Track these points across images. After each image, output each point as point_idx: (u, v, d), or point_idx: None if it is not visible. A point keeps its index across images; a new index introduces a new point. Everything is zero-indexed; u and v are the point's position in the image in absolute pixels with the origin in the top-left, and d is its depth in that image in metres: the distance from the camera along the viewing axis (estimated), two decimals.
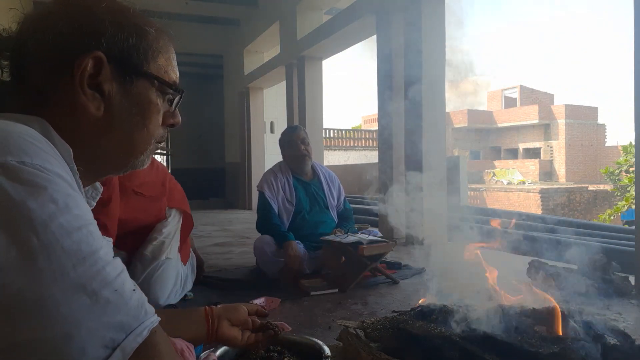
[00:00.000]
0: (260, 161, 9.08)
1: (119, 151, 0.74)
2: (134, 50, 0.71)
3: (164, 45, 0.76)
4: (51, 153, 0.60)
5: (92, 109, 0.69)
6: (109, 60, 0.69)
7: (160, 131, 0.78)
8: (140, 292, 0.59)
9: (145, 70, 0.73)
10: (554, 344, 1.27)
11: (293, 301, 2.38)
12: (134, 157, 0.76)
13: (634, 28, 2.48)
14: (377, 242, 2.67)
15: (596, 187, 19.67)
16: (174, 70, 0.79)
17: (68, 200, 0.55)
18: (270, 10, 7.62)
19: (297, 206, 3.02)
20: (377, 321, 1.55)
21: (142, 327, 0.56)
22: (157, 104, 0.75)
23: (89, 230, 0.56)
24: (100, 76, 0.68)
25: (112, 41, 0.69)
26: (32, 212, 0.52)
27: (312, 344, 1.20)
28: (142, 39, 0.73)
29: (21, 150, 0.56)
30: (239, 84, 9.30)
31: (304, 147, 3.05)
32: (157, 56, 0.75)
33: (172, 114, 0.80)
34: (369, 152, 19.50)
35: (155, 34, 0.75)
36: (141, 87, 0.73)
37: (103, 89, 0.69)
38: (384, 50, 4.73)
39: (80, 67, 0.67)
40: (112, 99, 0.70)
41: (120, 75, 0.70)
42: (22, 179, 0.53)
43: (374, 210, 6.19)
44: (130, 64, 0.71)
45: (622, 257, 3.43)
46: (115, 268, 0.57)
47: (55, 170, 0.57)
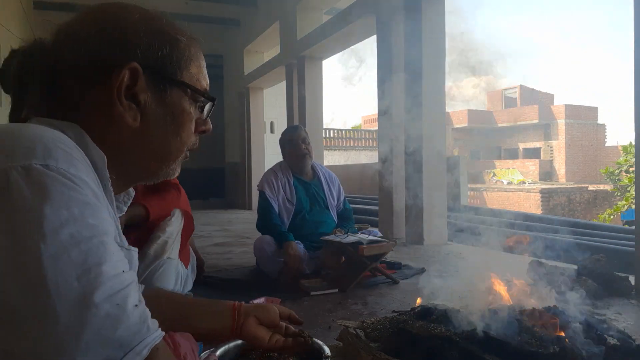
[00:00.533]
0: (260, 161, 9.08)
1: (152, 159, 0.75)
2: (168, 59, 0.72)
3: (195, 52, 0.77)
4: (79, 158, 0.60)
5: (129, 119, 0.69)
6: (143, 70, 0.69)
7: (192, 139, 0.79)
8: (143, 307, 0.57)
9: (178, 79, 0.73)
10: (554, 344, 1.27)
11: (293, 301, 2.38)
12: (167, 166, 0.77)
13: (634, 28, 2.48)
14: (377, 242, 2.67)
15: (596, 187, 19.67)
16: (205, 78, 0.79)
17: (84, 209, 0.55)
18: (270, 10, 7.62)
19: (297, 206, 3.02)
20: (377, 321, 1.56)
21: (143, 345, 0.54)
22: (190, 112, 0.76)
23: (101, 241, 0.55)
24: (136, 87, 0.69)
25: (147, 51, 0.70)
26: (45, 218, 0.51)
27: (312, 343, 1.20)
28: (174, 48, 0.73)
29: (47, 153, 0.56)
30: (239, 84, 9.30)
31: (305, 146, 3.06)
32: (189, 64, 0.75)
33: (204, 121, 0.81)
34: (369, 152, 19.50)
35: (186, 41, 0.76)
36: (175, 95, 0.74)
37: (139, 99, 0.70)
38: (384, 50, 4.73)
39: (117, 79, 0.67)
40: (148, 108, 0.71)
41: (155, 84, 0.71)
42: (41, 182, 0.53)
43: (374, 210, 6.19)
44: (165, 74, 0.72)
45: (622, 257, 3.43)
46: (122, 281, 0.55)
47: (80, 175, 0.57)
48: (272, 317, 1.00)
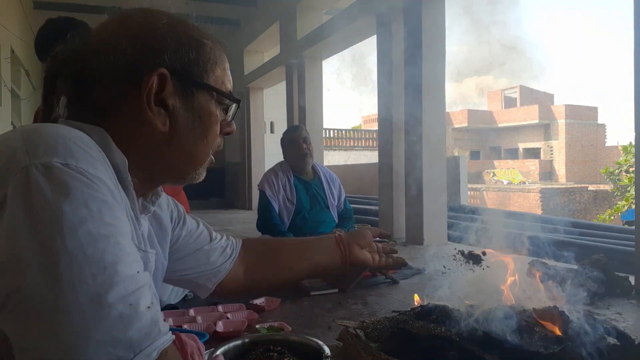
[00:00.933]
0: (260, 161, 9.08)
1: (180, 162, 0.75)
2: (195, 64, 0.73)
3: (220, 55, 0.79)
4: (100, 160, 0.60)
5: (159, 124, 0.70)
6: (171, 75, 0.70)
7: (217, 140, 0.80)
8: (156, 310, 0.57)
9: (205, 82, 0.74)
10: (554, 344, 1.27)
11: (293, 301, 2.37)
12: (194, 169, 0.78)
13: (634, 28, 2.48)
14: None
15: (596, 187, 19.68)
16: (229, 80, 0.81)
17: (102, 208, 0.55)
18: (270, 10, 7.62)
19: (297, 205, 3.02)
20: (377, 321, 1.55)
21: (152, 348, 0.54)
22: (216, 115, 0.77)
23: (117, 241, 0.55)
24: (164, 92, 0.70)
25: (174, 57, 0.71)
26: (63, 214, 0.52)
27: (312, 344, 1.20)
28: (201, 51, 0.75)
29: (68, 152, 0.56)
30: (239, 84, 9.29)
31: (306, 146, 3.06)
32: (214, 67, 0.77)
33: (228, 123, 0.82)
34: (369, 152, 19.50)
35: (212, 45, 0.77)
36: (202, 99, 0.74)
37: (167, 104, 0.71)
38: (384, 50, 4.73)
39: (147, 85, 0.68)
40: (176, 113, 0.72)
41: (183, 89, 0.72)
42: (61, 180, 0.53)
43: (374, 210, 6.19)
44: (192, 78, 0.73)
45: (622, 257, 3.43)
46: (136, 282, 0.55)
47: (99, 176, 0.57)
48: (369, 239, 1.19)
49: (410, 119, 4.34)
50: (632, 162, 13.47)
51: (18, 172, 0.53)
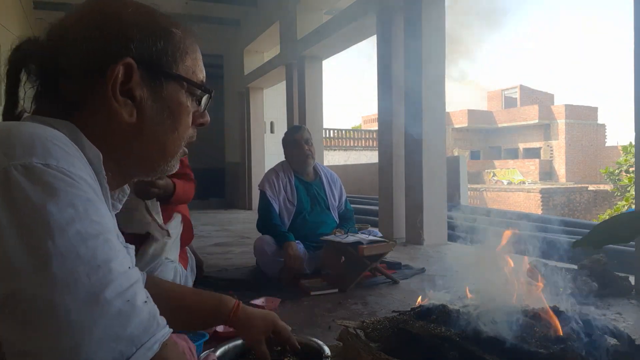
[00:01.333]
0: (260, 161, 9.08)
1: (150, 155, 0.74)
2: (163, 53, 0.71)
3: (190, 45, 0.76)
4: (77, 157, 0.60)
5: (125, 115, 0.69)
6: (138, 65, 0.68)
7: (189, 132, 0.78)
8: (152, 304, 0.58)
9: (174, 72, 0.73)
10: (554, 344, 1.27)
11: (293, 301, 2.38)
12: (165, 161, 0.76)
13: (634, 28, 2.48)
14: (377, 242, 2.67)
15: (596, 187, 19.68)
16: (201, 70, 0.78)
17: (88, 206, 0.55)
18: (270, 10, 7.62)
19: (298, 206, 3.02)
20: (377, 321, 1.55)
21: (153, 341, 0.55)
22: (187, 106, 0.75)
23: (106, 238, 0.55)
24: (131, 82, 0.68)
25: (141, 46, 0.69)
26: (51, 216, 0.51)
27: (312, 344, 1.20)
28: (169, 41, 0.72)
29: (47, 152, 0.55)
30: (239, 84, 9.30)
31: (308, 147, 3.05)
32: (184, 57, 0.74)
33: (201, 113, 0.80)
34: (369, 152, 19.49)
35: (181, 34, 0.74)
36: (171, 89, 0.73)
37: (134, 95, 0.69)
38: (384, 50, 4.73)
39: (112, 75, 0.67)
40: (144, 104, 0.70)
41: (151, 79, 0.70)
42: (44, 181, 0.53)
43: (374, 210, 6.19)
44: (160, 68, 0.71)
45: (622, 257, 3.43)
46: (129, 278, 0.56)
47: (80, 174, 0.57)
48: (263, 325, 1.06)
49: (410, 119, 4.34)
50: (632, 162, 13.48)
51: None
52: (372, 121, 26.87)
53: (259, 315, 1.08)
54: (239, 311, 1.04)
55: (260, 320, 1.07)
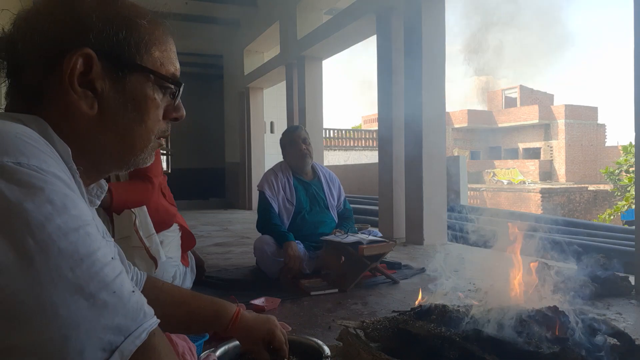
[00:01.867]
0: (260, 161, 9.08)
1: (118, 149, 0.72)
2: (125, 44, 0.69)
3: (159, 36, 0.74)
4: (49, 153, 0.59)
5: (85, 107, 0.67)
6: (99, 56, 0.67)
7: (161, 126, 0.76)
8: (139, 294, 0.58)
9: (138, 64, 0.70)
10: (554, 344, 1.27)
11: (293, 301, 2.38)
12: (134, 155, 0.74)
13: (634, 28, 2.48)
14: (377, 242, 2.67)
15: (596, 187, 19.68)
16: (172, 62, 0.76)
17: (65, 201, 0.55)
18: (270, 10, 7.62)
19: (297, 206, 3.02)
20: (377, 321, 1.55)
21: (141, 330, 0.55)
22: (154, 99, 0.73)
23: (87, 232, 0.55)
24: (91, 74, 0.67)
25: (101, 37, 0.67)
26: (29, 213, 0.51)
27: (312, 344, 1.20)
28: (132, 32, 0.70)
29: (18, 150, 0.55)
30: (239, 84, 9.30)
31: (305, 146, 3.06)
32: (150, 48, 0.72)
33: (175, 107, 0.78)
34: (369, 152, 19.50)
35: (148, 25, 0.72)
36: (135, 82, 0.71)
37: (95, 87, 0.67)
38: (384, 50, 4.73)
39: (68, 66, 0.65)
40: (106, 96, 0.68)
41: (113, 71, 0.68)
42: (18, 180, 0.52)
43: (374, 210, 6.19)
44: (122, 59, 0.69)
45: (622, 257, 3.43)
46: (114, 269, 0.56)
47: (52, 171, 0.56)
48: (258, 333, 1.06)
49: (410, 119, 4.33)
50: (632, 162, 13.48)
51: None
52: (372, 121, 26.88)
53: (259, 322, 1.08)
54: (237, 321, 1.04)
55: (260, 326, 1.08)
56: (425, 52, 4.17)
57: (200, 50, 9.53)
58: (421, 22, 4.16)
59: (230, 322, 1.03)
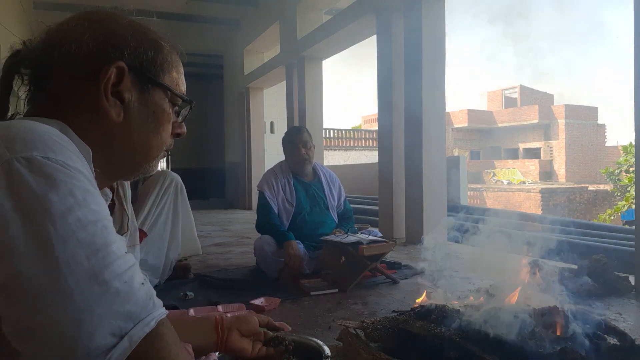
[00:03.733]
0: (260, 161, 9.08)
1: (133, 155, 0.80)
2: (152, 62, 0.78)
3: (175, 60, 0.83)
4: (73, 151, 0.64)
5: (114, 115, 0.74)
6: (129, 70, 0.74)
7: (169, 140, 0.84)
8: (149, 286, 0.62)
9: (160, 81, 0.79)
10: (554, 344, 1.27)
11: (293, 301, 2.38)
12: (147, 162, 0.82)
13: (634, 28, 2.49)
14: (377, 242, 2.67)
15: (596, 187, 19.68)
16: (183, 84, 0.86)
17: (86, 196, 0.59)
18: (270, 10, 7.62)
19: (297, 207, 3.02)
20: (377, 321, 1.55)
21: (150, 318, 0.59)
22: (169, 113, 0.82)
23: (104, 225, 0.60)
24: (121, 85, 0.74)
25: (134, 54, 0.76)
26: (52, 204, 0.55)
27: (312, 344, 1.20)
28: (159, 52, 0.79)
29: (47, 146, 0.60)
30: (239, 84, 9.30)
31: (305, 150, 3.04)
32: (170, 69, 0.81)
33: (179, 124, 0.86)
34: (369, 152, 19.50)
35: (169, 48, 0.82)
36: (157, 96, 0.79)
37: (123, 97, 0.75)
38: (384, 50, 4.73)
39: (105, 76, 0.72)
40: (131, 106, 0.76)
41: (139, 84, 0.77)
42: (45, 172, 0.57)
43: (374, 210, 6.19)
44: (149, 75, 0.77)
45: (622, 257, 3.43)
46: (127, 262, 0.60)
47: (77, 167, 0.61)
48: (253, 327, 1.06)
49: (410, 119, 4.34)
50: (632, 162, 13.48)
51: (0, 166, 0.56)
52: (372, 121, 26.88)
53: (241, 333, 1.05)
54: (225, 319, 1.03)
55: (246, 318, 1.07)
56: (425, 52, 4.17)
57: (200, 50, 9.53)
58: (421, 22, 4.16)
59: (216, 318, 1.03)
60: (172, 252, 2.76)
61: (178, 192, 2.82)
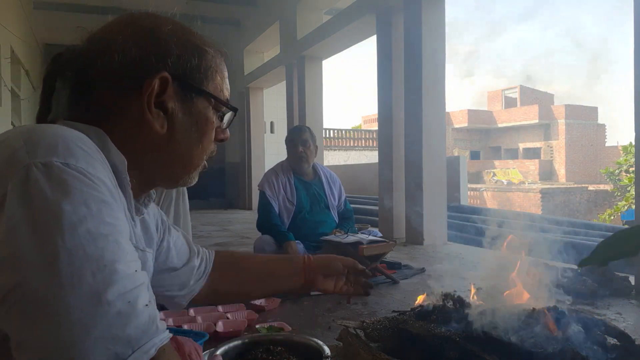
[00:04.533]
0: (260, 161, 9.08)
1: (175, 165, 0.77)
2: (196, 70, 0.75)
3: (220, 64, 0.81)
4: (99, 160, 0.61)
5: (157, 126, 0.72)
6: (173, 79, 0.72)
7: (212, 147, 0.82)
8: (153, 308, 0.58)
9: (204, 89, 0.76)
10: (554, 344, 1.27)
11: (293, 301, 2.37)
12: (188, 173, 0.80)
13: (634, 28, 2.49)
14: (377, 242, 2.67)
15: (596, 187, 19.68)
16: (227, 88, 0.83)
17: (101, 207, 0.56)
18: (270, 10, 7.62)
19: (297, 206, 3.02)
20: (377, 321, 1.55)
21: (151, 344, 0.55)
22: (213, 121, 0.79)
23: (116, 240, 0.56)
24: (165, 95, 0.72)
25: (177, 62, 0.73)
26: (64, 213, 0.52)
27: (312, 344, 1.20)
28: (202, 59, 0.76)
29: (68, 152, 0.57)
30: (239, 84, 9.30)
31: (303, 150, 3.05)
32: (214, 75, 0.79)
33: (223, 130, 0.84)
34: (369, 152, 19.49)
35: (213, 53, 0.79)
36: (200, 105, 0.76)
37: (167, 107, 0.72)
38: (384, 50, 4.73)
39: (149, 88, 0.70)
40: (175, 116, 0.73)
41: (183, 94, 0.74)
42: (61, 179, 0.54)
43: (374, 210, 6.19)
44: (192, 84, 0.75)
45: None
46: (134, 281, 0.56)
47: (98, 176, 0.58)
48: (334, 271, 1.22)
49: (410, 119, 4.34)
50: (632, 162, 13.48)
51: (18, 171, 0.54)
52: (372, 121, 26.87)
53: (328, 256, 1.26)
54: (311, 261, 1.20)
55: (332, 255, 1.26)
56: (425, 52, 4.17)
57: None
58: (421, 22, 4.16)
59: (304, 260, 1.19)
60: None
61: (180, 195, 2.82)
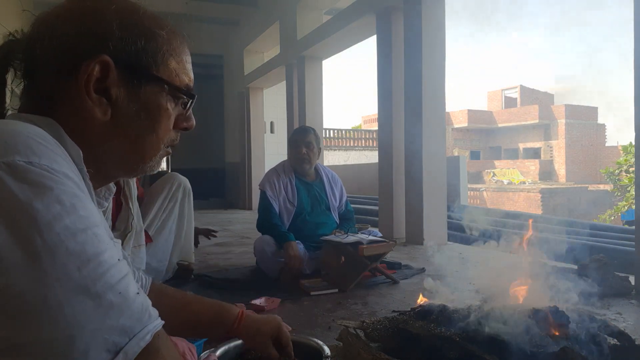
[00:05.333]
0: (260, 161, 9.08)
1: (128, 155, 0.73)
2: (143, 53, 0.70)
3: (177, 47, 0.75)
4: (59, 154, 0.59)
5: (99, 113, 0.68)
6: (116, 64, 0.67)
7: (171, 135, 0.77)
8: (144, 296, 0.58)
9: (154, 74, 0.71)
10: (554, 344, 1.27)
11: (293, 301, 2.38)
12: (143, 162, 0.75)
13: (634, 28, 2.49)
14: (377, 242, 2.67)
15: (596, 187, 19.68)
16: (187, 73, 0.77)
17: (74, 201, 0.55)
18: (270, 10, 7.62)
19: (298, 207, 3.01)
20: (377, 321, 1.56)
21: (146, 331, 0.55)
22: (167, 109, 0.74)
23: (94, 233, 0.55)
24: (107, 80, 0.67)
25: (120, 44, 0.68)
26: (38, 212, 0.51)
27: (312, 344, 1.20)
28: (151, 41, 0.71)
29: (29, 150, 0.55)
30: (239, 84, 9.30)
31: (305, 151, 3.04)
32: (167, 59, 0.73)
33: (186, 117, 0.79)
34: (369, 152, 19.50)
35: (166, 36, 0.73)
36: (150, 91, 0.71)
37: (110, 94, 0.68)
38: (384, 50, 4.73)
39: (85, 72, 0.66)
40: (120, 103, 0.69)
41: (128, 79, 0.69)
42: (28, 179, 0.53)
43: (374, 210, 6.19)
44: (139, 68, 0.70)
45: (622, 257, 3.43)
46: (120, 271, 0.56)
47: (63, 171, 0.57)
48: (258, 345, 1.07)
49: (410, 119, 4.34)
50: (632, 162, 13.48)
51: None
52: (372, 121, 26.87)
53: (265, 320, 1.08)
54: (243, 319, 1.04)
55: (265, 325, 1.07)
56: (426, 52, 4.17)
57: (200, 50, 9.52)
58: (421, 22, 4.16)
59: (235, 321, 1.03)
60: (175, 255, 2.77)
61: (185, 196, 2.83)
